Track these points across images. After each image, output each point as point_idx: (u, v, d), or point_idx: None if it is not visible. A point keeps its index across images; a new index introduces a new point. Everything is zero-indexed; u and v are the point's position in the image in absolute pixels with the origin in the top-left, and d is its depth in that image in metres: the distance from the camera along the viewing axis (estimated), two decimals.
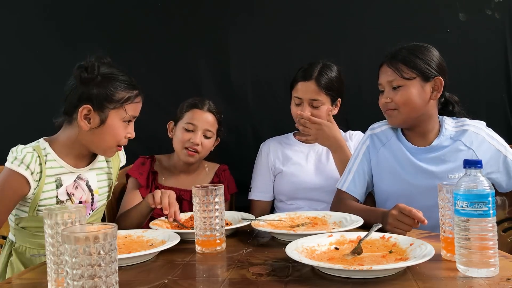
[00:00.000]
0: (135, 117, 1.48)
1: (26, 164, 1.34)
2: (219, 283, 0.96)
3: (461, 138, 1.52)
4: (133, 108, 1.46)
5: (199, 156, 1.84)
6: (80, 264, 0.74)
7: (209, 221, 1.19)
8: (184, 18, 2.24)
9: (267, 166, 1.98)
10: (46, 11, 2.24)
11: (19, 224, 1.43)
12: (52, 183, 1.42)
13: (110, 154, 1.51)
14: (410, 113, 1.52)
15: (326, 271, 0.97)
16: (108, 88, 1.40)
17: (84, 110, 1.39)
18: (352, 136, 1.99)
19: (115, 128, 1.42)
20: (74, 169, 1.47)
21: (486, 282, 0.88)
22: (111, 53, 2.22)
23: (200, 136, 1.81)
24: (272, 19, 2.22)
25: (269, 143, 2.02)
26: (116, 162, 1.62)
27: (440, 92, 1.51)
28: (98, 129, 1.41)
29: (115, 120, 1.42)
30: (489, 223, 0.91)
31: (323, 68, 1.85)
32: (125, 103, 1.42)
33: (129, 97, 1.43)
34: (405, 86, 1.50)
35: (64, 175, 1.45)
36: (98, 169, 1.56)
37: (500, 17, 2.13)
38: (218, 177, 1.94)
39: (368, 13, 2.19)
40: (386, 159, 1.59)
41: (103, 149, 1.47)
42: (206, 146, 1.83)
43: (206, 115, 1.84)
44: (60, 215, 0.92)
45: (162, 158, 1.95)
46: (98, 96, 1.39)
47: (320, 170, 1.91)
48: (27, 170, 1.34)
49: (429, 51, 1.52)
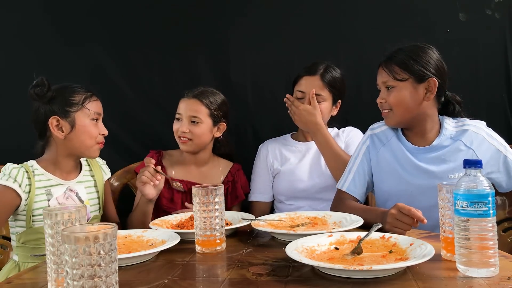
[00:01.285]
0: (100, 114, 1.60)
1: (13, 177, 1.48)
2: (219, 283, 0.96)
3: (461, 138, 1.52)
4: (94, 105, 1.59)
5: (195, 144, 1.84)
6: (80, 264, 0.74)
7: (209, 221, 1.19)
8: (184, 18, 2.24)
9: (266, 167, 1.98)
10: (46, 10, 2.24)
11: (20, 241, 1.51)
12: (43, 195, 1.52)
13: (94, 153, 1.61)
14: (403, 114, 1.53)
15: (326, 271, 0.97)
16: (65, 96, 1.55)
17: (53, 121, 1.53)
18: (344, 131, 2.01)
19: (86, 127, 1.56)
20: (62, 181, 1.58)
21: (486, 282, 0.88)
22: (111, 53, 2.25)
23: (187, 124, 1.82)
24: (272, 19, 2.22)
25: (267, 145, 2.03)
26: (99, 175, 1.70)
27: (433, 93, 1.50)
28: (72, 133, 1.55)
29: (83, 120, 1.56)
30: (489, 223, 0.91)
31: (328, 66, 1.90)
32: (84, 102, 1.56)
33: (86, 97, 1.57)
34: (397, 87, 1.51)
35: (53, 187, 1.55)
36: (86, 182, 1.65)
37: (500, 17, 2.13)
38: (233, 176, 1.95)
39: (368, 13, 2.19)
40: (386, 159, 1.59)
41: (85, 150, 1.58)
42: (196, 132, 1.82)
43: (190, 102, 1.84)
44: (60, 215, 0.92)
45: (173, 152, 1.97)
46: (59, 106, 1.54)
47: (317, 169, 1.91)
48: (15, 183, 1.47)
49: (426, 53, 1.51)
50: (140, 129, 2.25)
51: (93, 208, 1.65)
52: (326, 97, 1.87)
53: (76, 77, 2.16)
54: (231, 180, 1.93)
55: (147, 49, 2.25)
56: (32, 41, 2.22)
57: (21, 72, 2.19)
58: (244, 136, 2.23)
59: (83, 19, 2.24)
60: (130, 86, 2.25)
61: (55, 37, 2.23)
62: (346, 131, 2.01)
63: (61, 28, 2.24)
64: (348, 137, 1.97)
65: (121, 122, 2.20)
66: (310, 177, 1.90)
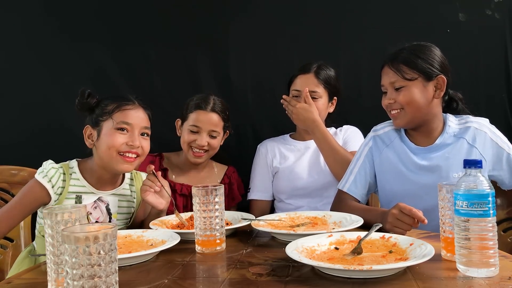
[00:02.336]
0: (128, 123, 1.51)
1: (49, 177, 1.48)
2: (219, 283, 0.96)
3: (464, 136, 1.52)
4: (123, 115, 1.52)
5: (208, 155, 1.87)
6: (80, 264, 0.74)
7: (209, 221, 1.19)
8: (184, 18, 2.24)
9: (266, 165, 1.99)
10: (47, 11, 2.24)
11: (41, 233, 1.51)
12: (72, 199, 1.51)
13: (119, 166, 1.51)
14: (415, 113, 1.51)
15: (326, 271, 0.97)
16: (102, 105, 1.54)
17: (87, 131, 1.55)
18: (342, 129, 2.02)
19: (107, 136, 1.50)
20: (95, 190, 1.55)
21: (486, 282, 0.88)
22: (111, 53, 2.24)
23: (206, 137, 1.83)
24: (272, 19, 2.22)
25: (266, 143, 2.05)
26: (139, 186, 1.62)
27: (443, 91, 1.50)
28: (97, 142, 1.52)
29: (106, 129, 1.51)
30: (489, 223, 0.91)
31: (321, 65, 1.93)
32: (113, 112, 1.52)
33: (118, 105, 1.53)
34: (407, 86, 1.50)
35: (85, 194, 1.54)
36: (122, 195, 1.62)
37: (500, 17, 2.13)
38: (229, 178, 1.96)
39: (368, 13, 2.19)
40: (389, 160, 1.59)
41: (108, 161, 1.51)
42: (213, 145, 1.86)
43: (210, 116, 1.84)
44: (60, 215, 0.92)
45: (171, 155, 1.97)
46: (95, 115, 1.54)
47: (316, 166, 1.92)
48: (49, 183, 1.47)
49: (430, 50, 1.51)
50: None
51: (119, 222, 1.61)
52: (321, 93, 1.89)
53: (76, 77, 2.17)
54: (227, 182, 1.94)
55: (148, 49, 2.25)
56: (32, 41, 2.22)
57: (22, 72, 2.21)
58: (244, 136, 2.23)
59: (83, 19, 2.24)
60: (130, 86, 2.25)
61: (55, 37, 2.22)
62: (344, 129, 2.02)
63: (62, 28, 2.24)
64: (346, 135, 1.99)
65: None
66: (310, 175, 1.91)
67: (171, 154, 1.98)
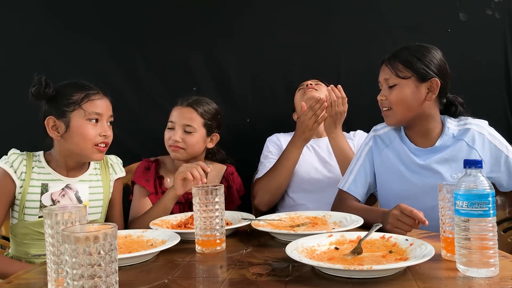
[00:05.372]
0: (99, 114, 1.51)
1: (10, 162, 1.49)
2: (219, 283, 0.96)
3: (463, 137, 1.52)
4: (93, 105, 1.50)
5: (187, 153, 1.78)
6: (80, 264, 0.74)
7: (209, 221, 1.19)
8: (183, 18, 2.24)
9: (276, 148, 1.98)
10: (47, 10, 2.24)
11: (12, 233, 1.51)
12: (38, 187, 1.50)
13: (93, 156, 1.53)
14: (404, 113, 1.52)
15: (326, 271, 0.97)
16: (64, 94, 1.49)
17: (50, 122, 1.50)
18: (356, 135, 2.03)
19: (81, 128, 1.48)
20: (62, 177, 1.54)
21: (486, 282, 0.88)
22: (111, 53, 2.24)
23: (180, 133, 1.77)
24: (272, 19, 2.22)
25: (276, 135, 2.06)
26: (106, 175, 1.64)
27: (435, 94, 1.50)
28: (67, 134, 1.49)
29: (78, 121, 1.48)
30: (489, 223, 0.91)
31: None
32: (82, 102, 1.49)
33: (86, 95, 1.50)
34: (399, 85, 1.51)
35: (52, 182, 1.52)
36: (91, 182, 1.59)
37: (500, 17, 2.14)
38: (227, 181, 1.89)
39: (369, 14, 2.19)
40: (389, 160, 1.59)
41: (81, 152, 1.51)
42: (189, 141, 1.77)
43: (184, 111, 1.79)
44: (60, 215, 0.92)
45: (166, 159, 1.91)
46: (57, 105, 1.49)
47: (321, 163, 1.93)
48: (11, 168, 1.48)
49: (429, 52, 1.51)
50: (140, 129, 2.24)
51: (93, 210, 1.59)
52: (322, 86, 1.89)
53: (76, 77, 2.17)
54: (225, 185, 1.86)
55: (148, 49, 2.25)
56: (33, 41, 2.22)
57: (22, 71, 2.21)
58: (244, 136, 2.23)
59: (84, 19, 2.24)
60: (130, 86, 2.25)
61: (55, 37, 2.23)
62: (358, 135, 2.03)
63: (62, 28, 2.24)
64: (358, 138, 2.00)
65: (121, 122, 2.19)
66: (316, 171, 1.92)
67: (166, 157, 1.91)
